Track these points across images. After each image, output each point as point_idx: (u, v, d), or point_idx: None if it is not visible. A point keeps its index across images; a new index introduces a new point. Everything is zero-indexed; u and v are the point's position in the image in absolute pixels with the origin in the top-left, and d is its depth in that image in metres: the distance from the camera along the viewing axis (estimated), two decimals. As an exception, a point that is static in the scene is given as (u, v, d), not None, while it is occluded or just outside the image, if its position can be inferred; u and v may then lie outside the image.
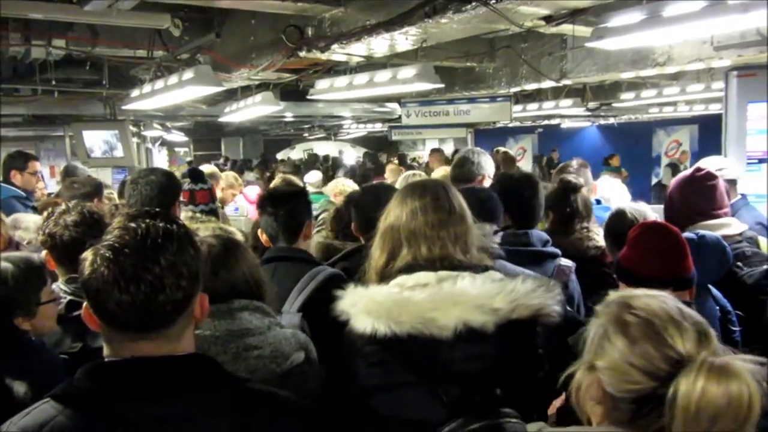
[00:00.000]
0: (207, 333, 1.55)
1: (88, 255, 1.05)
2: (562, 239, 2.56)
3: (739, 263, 2.48)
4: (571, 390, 1.13)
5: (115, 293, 1.02)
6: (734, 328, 2.18)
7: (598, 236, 2.67)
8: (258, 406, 1.14)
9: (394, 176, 7.64)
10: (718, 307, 2.18)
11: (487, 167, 3.33)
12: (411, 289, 1.43)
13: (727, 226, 2.61)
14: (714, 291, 2.22)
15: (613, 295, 1.16)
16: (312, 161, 12.02)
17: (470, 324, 1.34)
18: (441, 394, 1.40)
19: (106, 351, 1.10)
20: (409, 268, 1.49)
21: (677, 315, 1.06)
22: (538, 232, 2.38)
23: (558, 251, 2.36)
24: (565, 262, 2.34)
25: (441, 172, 4.21)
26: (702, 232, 2.37)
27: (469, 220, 1.59)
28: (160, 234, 1.06)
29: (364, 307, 1.42)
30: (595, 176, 4.30)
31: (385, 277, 1.53)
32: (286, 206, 2.26)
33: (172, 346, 1.10)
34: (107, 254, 1.03)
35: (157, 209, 1.14)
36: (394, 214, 1.58)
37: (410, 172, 3.56)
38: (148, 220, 1.07)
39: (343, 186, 4.87)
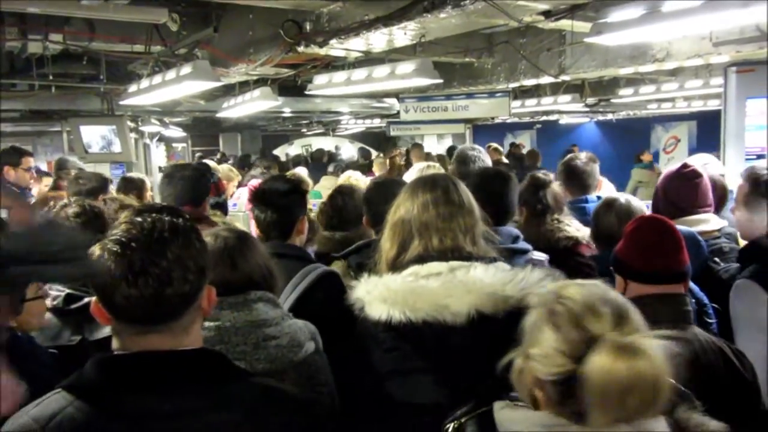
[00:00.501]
0: (227, 324, 1.57)
1: (95, 250, 1.06)
2: (532, 232, 2.58)
3: (716, 259, 2.49)
4: (511, 376, 1.17)
5: (123, 287, 1.03)
6: (710, 320, 2.19)
7: (569, 227, 2.68)
8: (265, 401, 1.15)
9: (381, 170, 7.65)
10: (694, 300, 2.20)
11: (489, 164, 3.37)
12: (425, 278, 1.46)
13: (705, 222, 2.60)
14: (690, 284, 2.23)
15: (550, 286, 1.22)
16: (318, 156, 11.89)
17: (482, 311, 1.39)
18: (452, 379, 1.43)
19: (115, 344, 1.11)
20: (421, 259, 1.53)
21: (598, 300, 1.10)
22: (508, 229, 2.36)
23: (529, 246, 2.34)
24: (537, 255, 2.33)
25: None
26: (678, 227, 2.37)
27: (477, 214, 1.63)
28: (166, 228, 1.07)
29: (379, 295, 1.46)
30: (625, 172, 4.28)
31: (396, 268, 1.56)
32: (277, 202, 2.24)
33: (179, 339, 1.11)
34: (114, 248, 1.04)
35: (163, 204, 1.16)
36: (404, 207, 1.61)
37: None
38: (154, 215, 1.08)
39: (356, 180, 4.87)
